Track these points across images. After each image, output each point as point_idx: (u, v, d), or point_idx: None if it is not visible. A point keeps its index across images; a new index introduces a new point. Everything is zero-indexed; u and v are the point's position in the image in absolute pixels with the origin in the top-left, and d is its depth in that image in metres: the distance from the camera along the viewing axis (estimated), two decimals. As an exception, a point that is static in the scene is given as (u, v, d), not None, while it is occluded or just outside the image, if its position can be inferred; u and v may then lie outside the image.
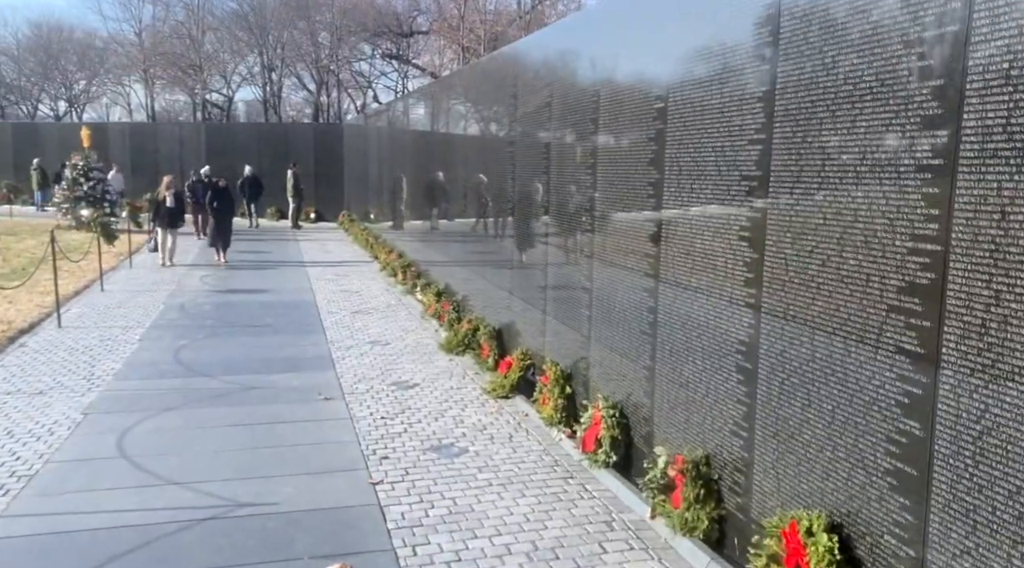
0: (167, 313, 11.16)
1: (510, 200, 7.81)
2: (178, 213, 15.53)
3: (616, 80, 5.44)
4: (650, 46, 4.95)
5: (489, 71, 9.01)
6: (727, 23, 4.09)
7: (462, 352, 8.88)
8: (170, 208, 15.18)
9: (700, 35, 4.36)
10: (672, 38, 4.67)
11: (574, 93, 6.16)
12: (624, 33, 5.36)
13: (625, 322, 5.27)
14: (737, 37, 3.99)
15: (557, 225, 6.56)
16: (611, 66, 5.53)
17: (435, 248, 11.92)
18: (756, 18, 3.82)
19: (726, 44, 4.09)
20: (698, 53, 4.37)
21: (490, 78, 8.78)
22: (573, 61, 6.28)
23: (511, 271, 7.86)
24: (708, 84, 4.26)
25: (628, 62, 5.28)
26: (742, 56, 3.95)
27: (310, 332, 10.20)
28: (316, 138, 26.07)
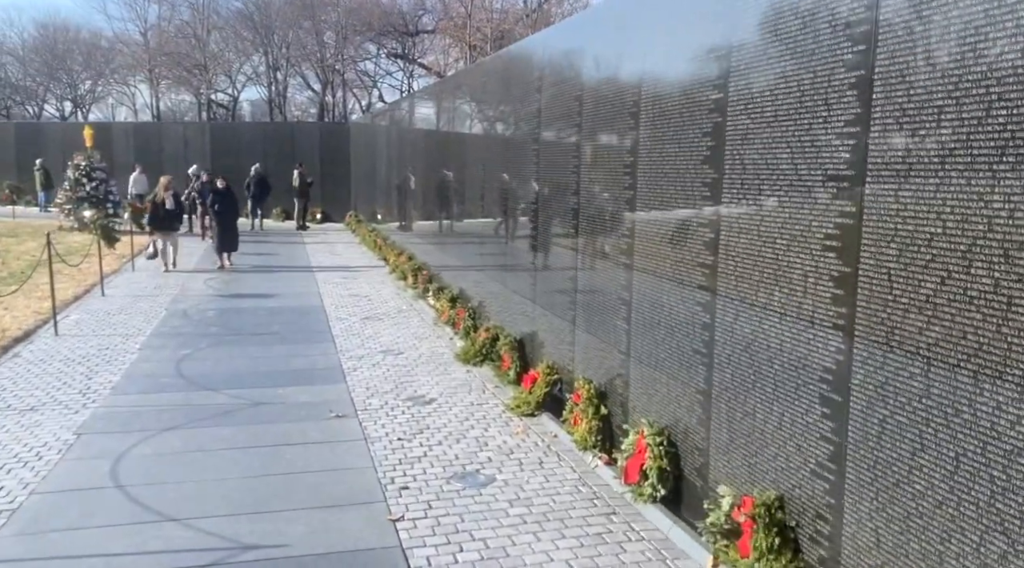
0: (169, 320, 10.59)
1: (534, 201, 7.21)
2: (177, 216, 14.74)
3: (661, 70, 4.84)
4: (706, 27, 4.36)
5: (511, 65, 8.41)
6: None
7: (480, 363, 8.30)
8: (169, 210, 14.34)
9: (775, 8, 3.76)
10: (738, 15, 4.08)
11: (610, 87, 5.56)
12: (672, 16, 4.76)
13: (673, 339, 4.68)
14: (831, 9, 3.40)
15: (589, 229, 5.97)
16: (655, 54, 4.93)
17: (449, 251, 11.33)
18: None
19: (813, 18, 3.50)
20: (772, 30, 3.77)
21: (512, 73, 8.18)
22: (608, 52, 5.68)
23: (534, 277, 7.27)
24: (782, 65, 3.66)
25: (676, 49, 4.69)
26: (833, 32, 3.36)
27: (319, 340, 9.61)
28: (322, 137, 25.48)
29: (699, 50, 4.39)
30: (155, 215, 14.34)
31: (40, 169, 25.15)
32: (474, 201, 9.70)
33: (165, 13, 45.52)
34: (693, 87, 4.44)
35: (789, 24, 3.61)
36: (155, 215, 14.34)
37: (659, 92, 4.85)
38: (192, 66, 42.70)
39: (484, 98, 9.24)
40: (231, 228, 15.29)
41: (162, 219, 14.30)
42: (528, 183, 7.36)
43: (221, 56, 44.03)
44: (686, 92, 4.52)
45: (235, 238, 15.42)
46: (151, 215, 14.36)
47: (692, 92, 4.45)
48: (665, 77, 4.79)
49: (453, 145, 11.06)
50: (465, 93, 10.37)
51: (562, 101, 6.48)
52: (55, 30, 46.03)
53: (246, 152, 23.90)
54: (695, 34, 4.45)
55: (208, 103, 44.60)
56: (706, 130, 4.30)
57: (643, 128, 5.03)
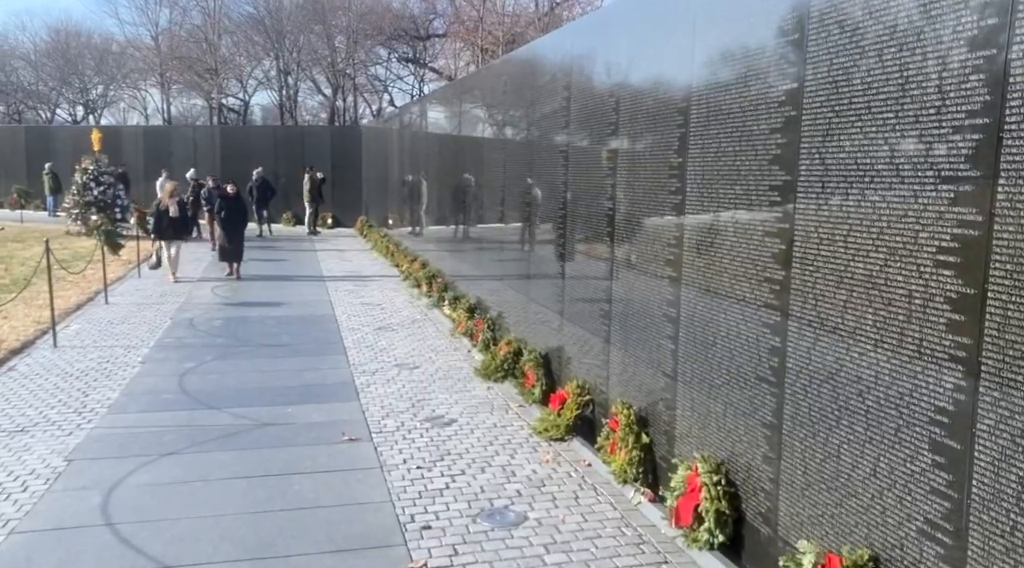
0: (174, 330, 10.06)
1: (561, 206, 6.65)
2: (182, 224, 13.92)
3: (717, 63, 4.27)
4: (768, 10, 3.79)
5: (535, 63, 7.85)
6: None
7: (501, 379, 7.72)
8: (173, 218, 13.52)
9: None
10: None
11: (653, 81, 4.99)
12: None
13: (732, 363, 4.10)
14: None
15: (626, 237, 5.39)
16: (707, 43, 4.36)
17: (465, 258, 10.77)
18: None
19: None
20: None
21: (537, 71, 7.62)
22: (648, 44, 5.11)
23: (561, 288, 6.70)
24: (874, 55, 3.09)
25: (733, 38, 4.11)
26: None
27: (330, 352, 9.06)
28: (333, 141, 25.00)
29: (766, 35, 3.82)
30: (159, 223, 13.60)
31: (49, 173, 24.77)
32: (493, 206, 9.14)
33: (176, 17, 45.19)
34: (759, 82, 3.87)
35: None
36: (159, 223, 13.60)
37: (715, 82, 4.27)
38: (203, 70, 42.32)
39: (504, 98, 8.68)
40: (238, 237, 14.40)
41: (166, 228, 13.54)
42: (555, 187, 6.79)
43: (232, 60, 43.64)
44: (749, 82, 3.94)
45: (240, 247, 14.46)
46: (155, 224, 13.64)
47: (757, 88, 3.88)
48: (721, 66, 4.22)
49: (470, 148, 10.51)
50: (483, 94, 9.81)
51: (596, 99, 5.91)
52: (67, 35, 45.75)
53: (256, 156, 23.41)
54: (758, 19, 3.88)
55: (219, 107, 44.22)
56: (776, 126, 3.72)
57: (694, 124, 4.46)
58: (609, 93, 5.65)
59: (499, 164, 8.78)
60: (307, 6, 43.65)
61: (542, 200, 7.22)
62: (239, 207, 14.69)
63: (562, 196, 6.63)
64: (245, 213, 14.93)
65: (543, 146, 7.15)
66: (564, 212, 6.59)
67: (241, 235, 14.51)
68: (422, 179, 14.12)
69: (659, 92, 4.89)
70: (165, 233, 13.57)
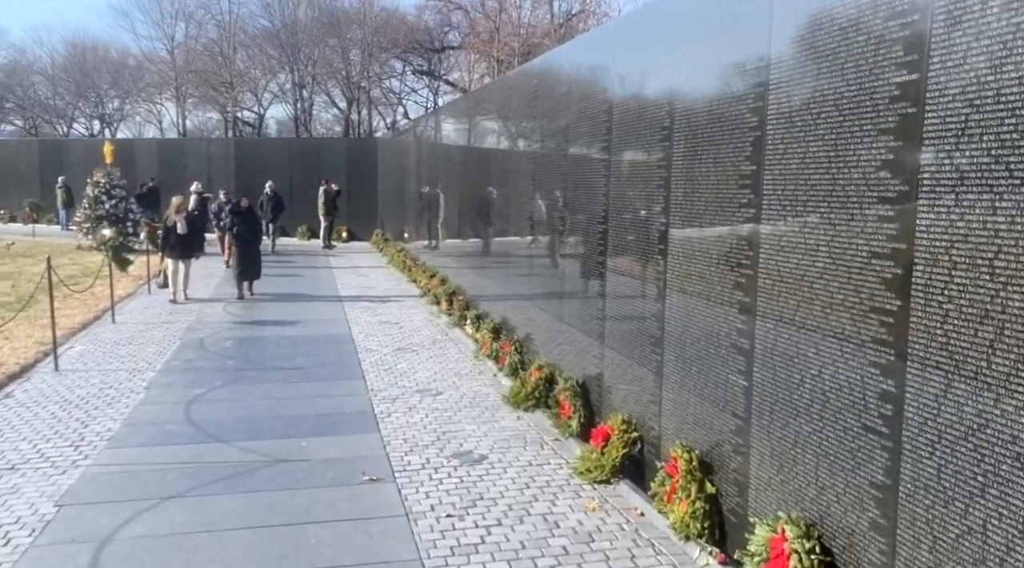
0: (183, 351, 9.48)
1: (601, 220, 6.02)
2: (190, 241, 12.76)
3: (801, 60, 3.64)
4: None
5: (570, 68, 7.24)
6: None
7: (532, 407, 7.08)
8: (181, 235, 12.49)
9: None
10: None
11: (717, 84, 4.37)
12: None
13: (826, 409, 3.45)
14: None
15: (682, 257, 4.75)
16: (792, 42, 3.73)
17: (489, 275, 10.14)
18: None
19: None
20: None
21: (572, 76, 7.02)
22: (711, 44, 4.49)
23: (601, 311, 6.06)
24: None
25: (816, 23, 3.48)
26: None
27: (347, 376, 8.45)
28: (348, 153, 24.49)
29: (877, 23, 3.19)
30: (166, 240, 12.67)
31: (62, 187, 24.40)
32: (520, 219, 8.52)
33: (192, 31, 45.07)
34: (870, 65, 3.23)
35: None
36: (166, 240, 12.67)
37: (798, 84, 3.64)
38: (218, 83, 42.10)
39: (533, 107, 8.08)
40: (253, 254, 13.42)
41: (173, 245, 12.61)
42: (593, 200, 6.16)
43: (247, 74, 43.43)
44: (849, 73, 3.31)
45: (257, 265, 13.49)
46: (162, 240, 12.74)
47: (869, 73, 3.24)
48: (806, 67, 3.59)
49: (494, 159, 9.90)
50: (511, 102, 9.21)
51: (644, 103, 5.29)
52: (84, 49, 45.70)
53: (271, 169, 22.94)
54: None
55: (234, 121, 43.97)
56: (888, 126, 3.09)
57: (772, 128, 3.82)
58: (662, 97, 5.03)
59: (527, 175, 8.17)
60: (322, 19, 43.45)
61: (577, 213, 6.60)
62: (253, 221, 13.87)
63: (602, 209, 6.00)
64: (259, 227, 14.11)
65: (580, 155, 6.52)
66: (604, 226, 5.96)
67: (257, 251, 13.58)
68: (441, 192, 13.54)
69: (727, 90, 4.26)
70: (172, 250, 12.70)
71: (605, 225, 5.95)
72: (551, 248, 7.46)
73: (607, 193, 5.91)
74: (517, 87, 8.98)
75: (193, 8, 44.56)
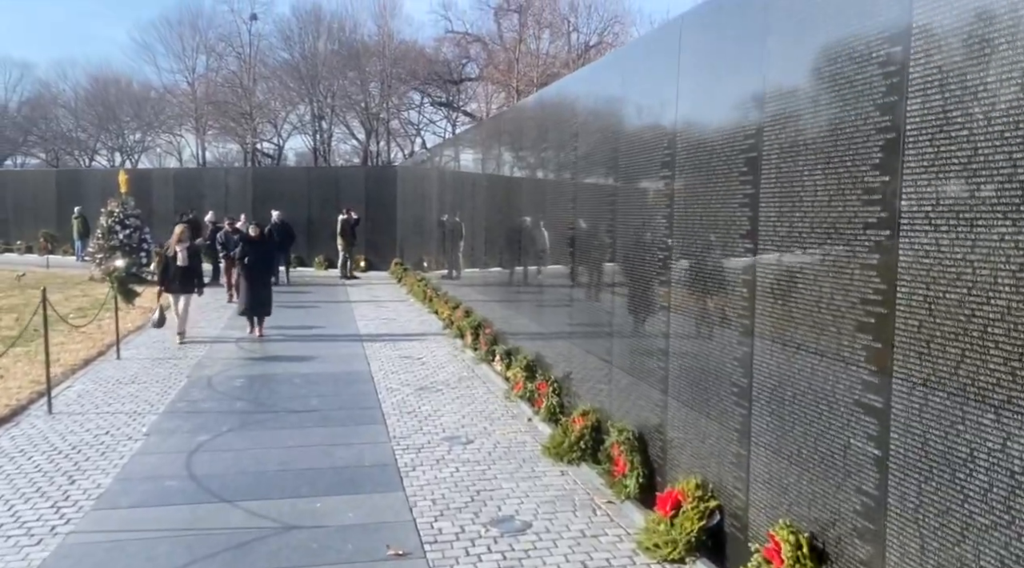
0: (190, 391, 8.64)
1: (660, 252, 5.15)
2: (191, 274, 11.41)
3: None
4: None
5: (622, 90, 6.44)
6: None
7: (577, 460, 6.17)
8: (182, 267, 11.21)
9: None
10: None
11: (847, 90, 3.52)
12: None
13: (990, 488, 2.53)
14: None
15: (778, 295, 3.87)
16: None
17: (521, 309, 9.26)
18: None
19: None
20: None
21: (626, 98, 6.20)
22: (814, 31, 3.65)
23: (663, 353, 5.17)
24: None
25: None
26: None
27: (367, 420, 7.57)
28: (368, 181, 23.83)
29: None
30: (165, 273, 11.36)
31: (78, 217, 23.86)
32: (558, 248, 7.67)
33: (213, 64, 45.06)
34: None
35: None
36: (165, 273, 11.36)
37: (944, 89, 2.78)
38: (238, 115, 41.91)
39: (573, 126, 7.27)
40: (264, 287, 12.09)
41: (173, 278, 11.28)
42: (652, 223, 5.31)
43: (267, 105, 43.25)
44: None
45: (268, 299, 12.17)
46: (161, 273, 11.43)
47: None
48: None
49: (526, 184, 9.09)
50: (548, 124, 8.42)
51: (722, 118, 4.45)
52: (106, 82, 45.75)
53: (289, 198, 22.33)
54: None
55: (253, 152, 43.70)
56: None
57: (913, 149, 2.96)
58: (747, 111, 4.19)
59: (566, 199, 7.33)
60: (342, 52, 43.38)
61: (630, 239, 5.74)
62: (265, 252, 12.49)
63: (663, 233, 5.13)
64: (272, 259, 12.91)
65: (634, 182, 5.68)
66: (666, 253, 5.09)
67: (268, 284, 12.34)
68: (465, 219, 12.75)
69: (857, 103, 3.41)
70: (172, 284, 11.34)
71: (667, 252, 5.09)
72: (596, 279, 6.59)
73: (670, 215, 5.06)
74: (555, 107, 8.18)
75: (214, 41, 44.61)
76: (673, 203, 5.02)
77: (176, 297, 11.39)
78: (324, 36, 43.63)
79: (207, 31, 44.83)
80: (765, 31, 4.02)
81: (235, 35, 44.44)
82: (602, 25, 39.24)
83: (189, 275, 11.43)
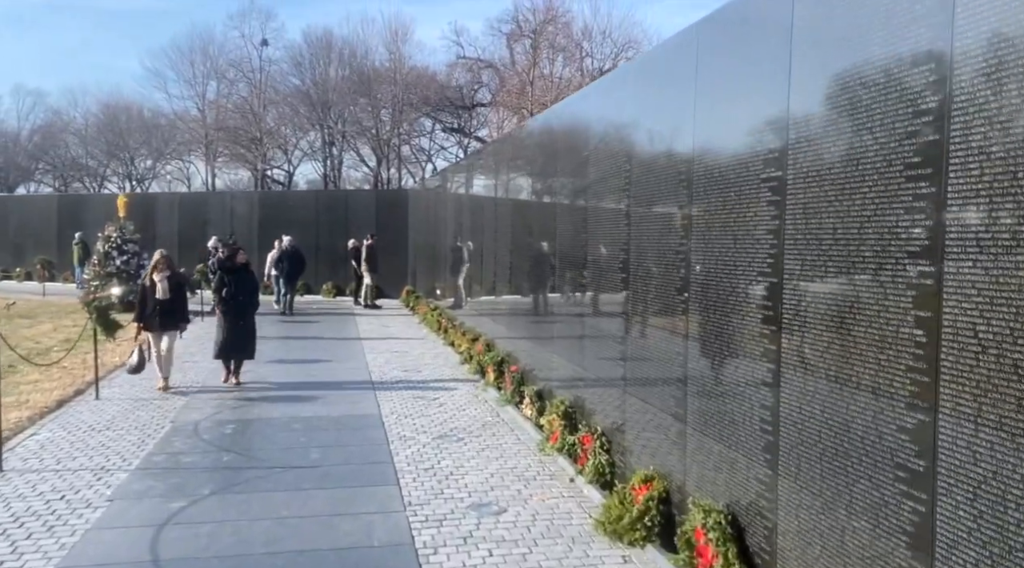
0: (172, 440, 7.35)
1: (764, 280, 3.86)
2: (173, 309, 9.37)
3: None
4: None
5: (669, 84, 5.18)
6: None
7: (642, 540, 4.83)
8: (162, 301, 9.21)
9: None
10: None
11: None
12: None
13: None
14: None
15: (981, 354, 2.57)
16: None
17: (556, 347, 7.92)
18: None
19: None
20: None
21: (668, 105, 4.94)
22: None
23: (766, 415, 3.84)
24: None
25: None
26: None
27: (377, 480, 6.26)
28: (379, 205, 22.63)
29: None
30: (143, 308, 9.30)
31: (79, 243, 22.75)
32: (606, 276, 6.37)
33: (224, 90, 44.32)
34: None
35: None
36: (143, 308, 9.30)
37: None
38: (248, 141, 41.03)
39: (622, 134, 6.02)
40: (246, 325, 9.83)
41: (151, 314, 9.24)
42: (747, 245, 4.01)
43: (277, 131, 42.39)
44: None
45: (250, 338, 9.89)
46: (139, 308, 9.40)
47: None
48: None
49: (559, 208, 7.82)
50: (587, 135, 7.17)
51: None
52: (117, 110, 45.04)
53: (297, 223, 21.13)
54: None
55: (263, 179, 42.75)
56: None
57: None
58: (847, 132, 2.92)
59: (618, 218, 6.05)
60: (353, 78, 42.54)
61: (715, 267, 4.44)
62: (248, 282, 10.08)
63: (767, 257, 3.84)
64: (256, 290, 10.26)
65: (727, 190, 4.40)
66: (773, 283, 3.79)
67: (251, 322, 9.99)
68: (484, 245, 11.49)
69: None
70: (150, 321, 9.29)
71: (778, 280, 3.79)
72: (661, 311, 5.28)
73: (778, 230, 3.77)
74: (595, 120, 6.94)
75: (225, 67, 43.91)
76: (784, 214, 3.73)
77: (157, 337, 9.38)
78: (335, 62, 42.88)
79: (218, 57, 44.19)
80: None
81: (245, 60, 43.76)
82: (616, 50, 38.31)
83: (172, 310, 9.38)
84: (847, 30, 3.30)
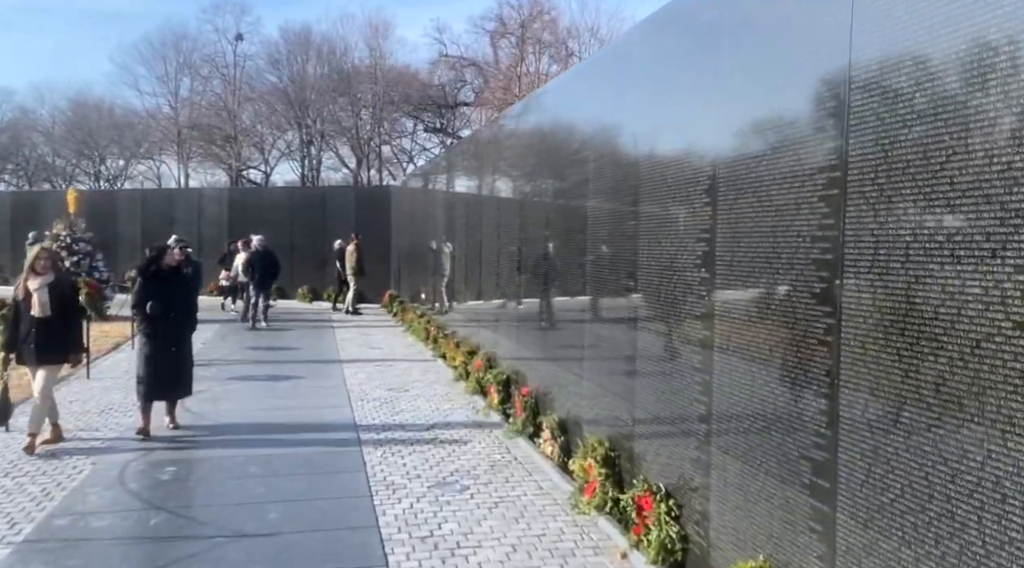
0: (84, 494, 5.47)
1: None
2: (58, 332, 6.34)
3: None
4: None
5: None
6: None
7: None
8: (40, 320, 6.27)
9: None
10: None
11: None
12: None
13: None
14: None
15: None
16: None
17: (585, 370, 6.10)
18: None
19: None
20: None
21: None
22: None
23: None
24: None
25: None
26: None
27: (354, 557, 4.43)
28: (359, 203, 20.64)
29: None
30: (14, 331, 6.40)
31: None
32: (678, 278, 4.59)
33: (198, 86, 42.05)
34: None
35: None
36: (14, 331, 6.40)
37: None
38: (222, 139, 38.85)
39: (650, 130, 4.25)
40: (179, 353, 7.09)
41: (26, 338, 6.32)
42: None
43: (253, 130, 40.23)
44: None
45: (185, 370, 7.21)
46: (9, 332, 6.49)
47: None
48: None
49: (593, 208, 6.03)
50: (606, 126, 5.38)
51: None
52: (86, 107, 42.51)
53: (270, 222, 19.12)
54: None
55: (237, 178, 40.54)
56: None
57: None
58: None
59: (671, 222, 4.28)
60: (332, 75, 40.53)
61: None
62: (183, 295, 7.28)
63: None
64: (191, 306, 7.41)
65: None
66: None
67: (186, 349, 7.27)
68: (487, 244, 9.69)
69: None
70: (23, 348, 6.35)
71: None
72: (757, 337, 3.51)
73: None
74: (628, 102, 5.15)
75: (199, 62, 41.66)
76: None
77: (32, 371, 6.42)
78: (314, 59, 40.83)
79: (191, 52, 41.90)
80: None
81: (220, 55, 41.56)
82: (603, 47, 36.68)
83: (55, 334, 6.34)
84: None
